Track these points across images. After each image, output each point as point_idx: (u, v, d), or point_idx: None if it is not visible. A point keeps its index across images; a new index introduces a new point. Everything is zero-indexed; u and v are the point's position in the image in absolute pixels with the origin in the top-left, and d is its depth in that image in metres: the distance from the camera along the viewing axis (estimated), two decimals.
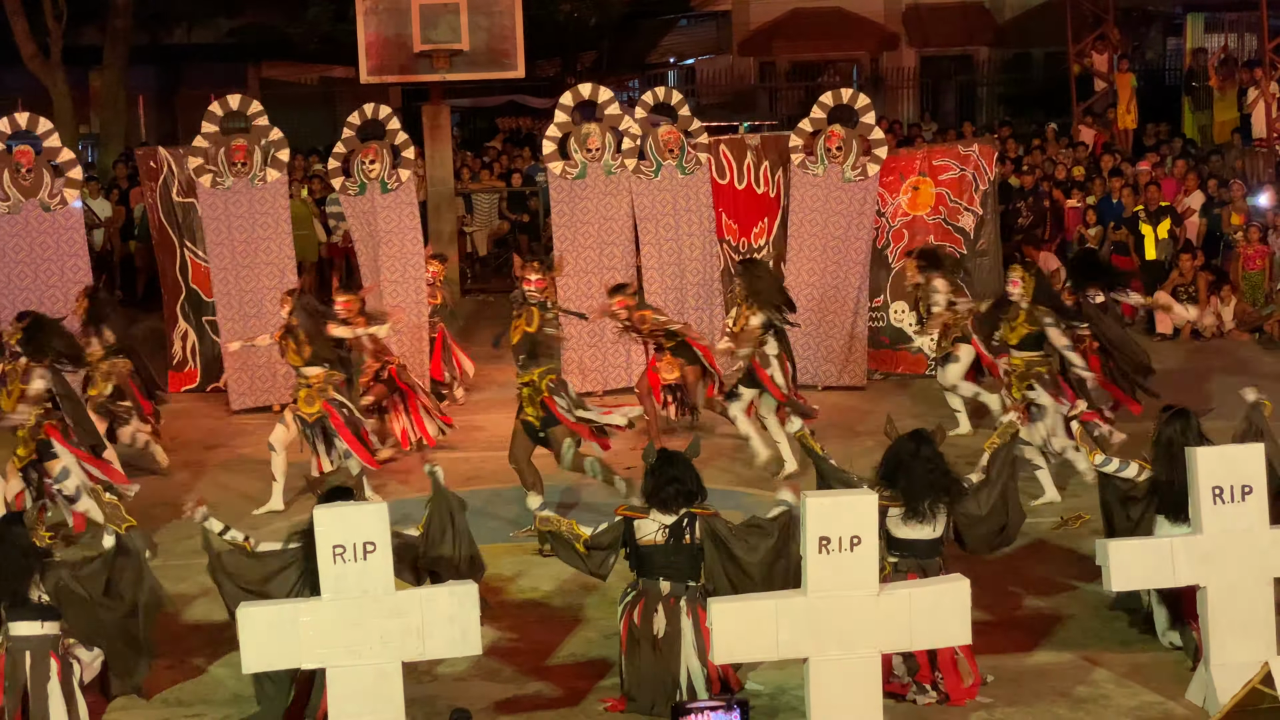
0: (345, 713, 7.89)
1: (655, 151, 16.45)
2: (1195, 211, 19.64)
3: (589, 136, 16.29)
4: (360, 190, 16.10)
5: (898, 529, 8.77)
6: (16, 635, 8.43)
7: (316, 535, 7.95)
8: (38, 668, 8.39)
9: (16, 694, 8.38)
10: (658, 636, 8.54)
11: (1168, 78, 31.16)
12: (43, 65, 25.67)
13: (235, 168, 15.92)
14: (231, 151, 15.97)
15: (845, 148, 16.16)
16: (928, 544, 8.79)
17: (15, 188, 15.33)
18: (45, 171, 15.52)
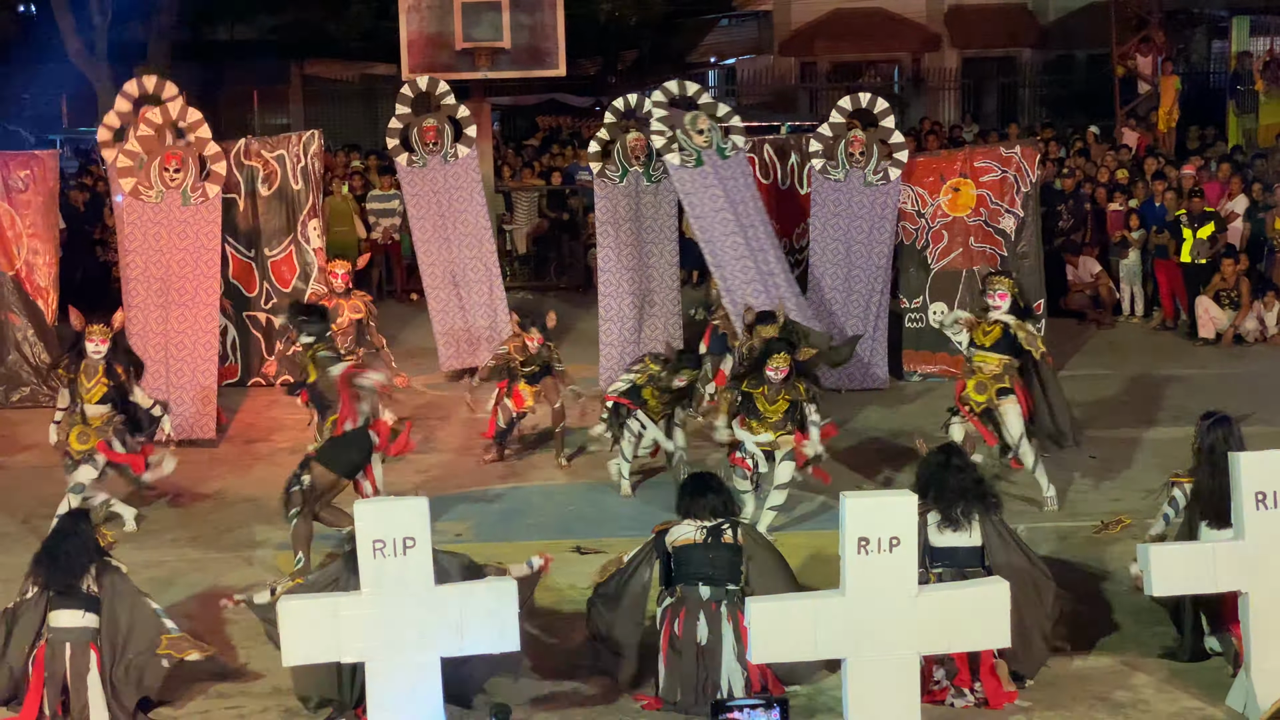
0: (384, 707, 7.91)
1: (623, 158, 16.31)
2: (1239, 216, 19.52)
3: (635, 143, 16.29)
4: (422, 164, 16.60)
5: (936, 538, 8.73)
6: (57, 627, 8.51)
7: (357, 530, 7.97)
8: (77, 659, 8.46)
9: (57, 685, 8.46)
10: (700, 645, 8.54)
11: (1212, 80, 30.99)
12: (88, 61, 25.83)
13: (428, 147, 16.65)
14: (423, 132, 16.66)
15: (867, 152, 16.14)
16: (967, 551, 8.73)
17: (161, 181, 15.44)
18: (191, 164, 15.72)
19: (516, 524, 11.97)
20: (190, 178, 15.26)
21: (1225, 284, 18.18)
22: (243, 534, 11.90)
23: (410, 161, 16.77)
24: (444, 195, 16.73)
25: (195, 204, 15.25)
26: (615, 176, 16.29)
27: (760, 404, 11.49)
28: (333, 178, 21.38)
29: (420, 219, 16.82)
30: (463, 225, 16.73)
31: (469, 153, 16.82)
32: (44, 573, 8.61)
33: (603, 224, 16.44)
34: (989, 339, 12.11)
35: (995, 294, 12.17)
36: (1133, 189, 20.32)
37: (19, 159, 16.76)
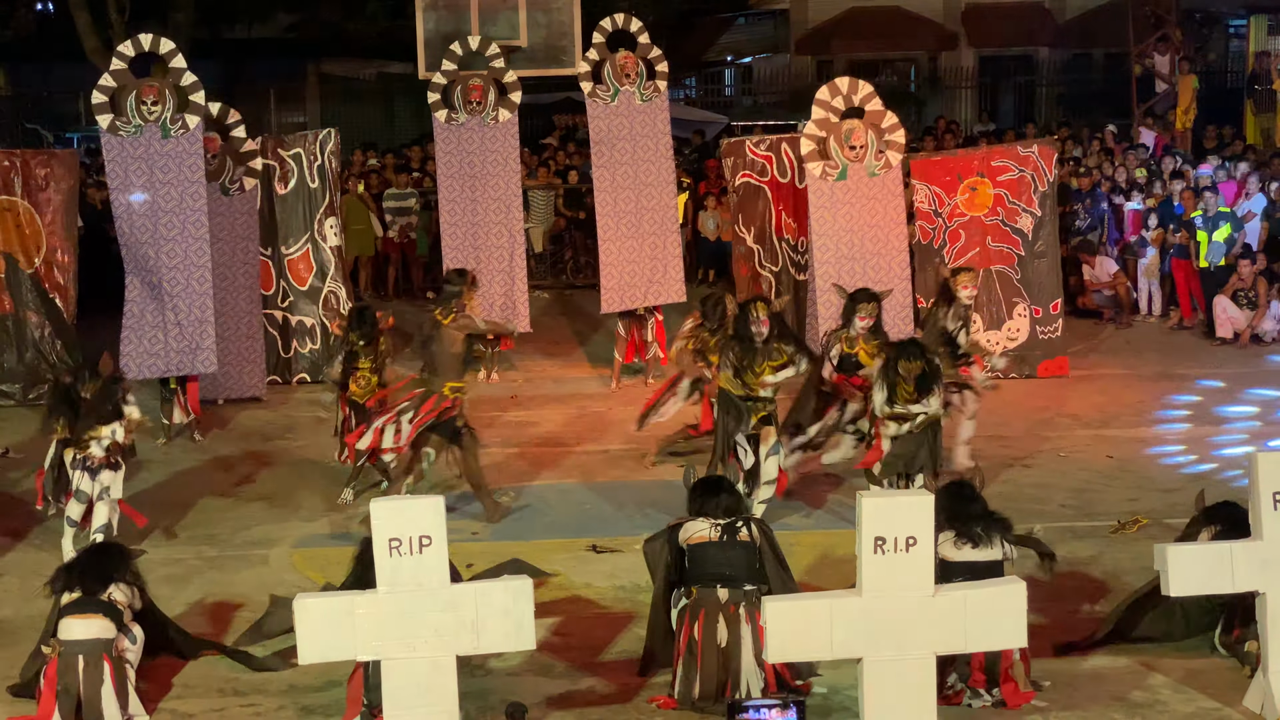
0: (399, 705, 7.91)
1: (613, 77, 16.50)
2: (1256, 215, 19.46)
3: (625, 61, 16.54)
4: (460, 121, 16.54)
5: (952, 554, 8.66)
6: (69, 639, 8.48)
7: (373, 528, 7.98)
8: (90, 672, 8.43)
9: (70, 699, 8.42)
10: (720, 647, 8.54)
11: (1230, 80, 30.91)
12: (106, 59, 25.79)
13: (470, 105, 16.52)
14: (469, 90, 16.54)
15: (866, 141, 15.45)
16: (986, 565, 8.63)
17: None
18: (229, 158, 15.95)
19: (532, 523, 11.97)
20: (169, 110, 14.97)
21: (1243, 284, 18.12)
22: (259, 533, 11.92)
23: (449, 118, 16.61)
24: (478, 157, 16.58)
25: (176, 136, 14.95)
26: (607, 96, 16.39)
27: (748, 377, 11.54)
28: (349, 176, 21.41)
29: (449, 178, 16.63)
30: (492, 189, 16.57)
31: (510, 117, 16.64)
32: (75, 575, 8.62)
33: (597, 144, 16.59)
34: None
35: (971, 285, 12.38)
36: (1150, 188, 20.27)
37: (39, 158, 16.82)
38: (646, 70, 16.59)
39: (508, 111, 16.62)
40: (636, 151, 16.53)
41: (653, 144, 16.58)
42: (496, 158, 16.63)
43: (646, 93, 16.51)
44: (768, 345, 11.53)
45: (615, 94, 16.45)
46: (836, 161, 15.38)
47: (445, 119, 16.61)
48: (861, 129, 15.37)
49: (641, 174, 16.52)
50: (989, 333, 16.40)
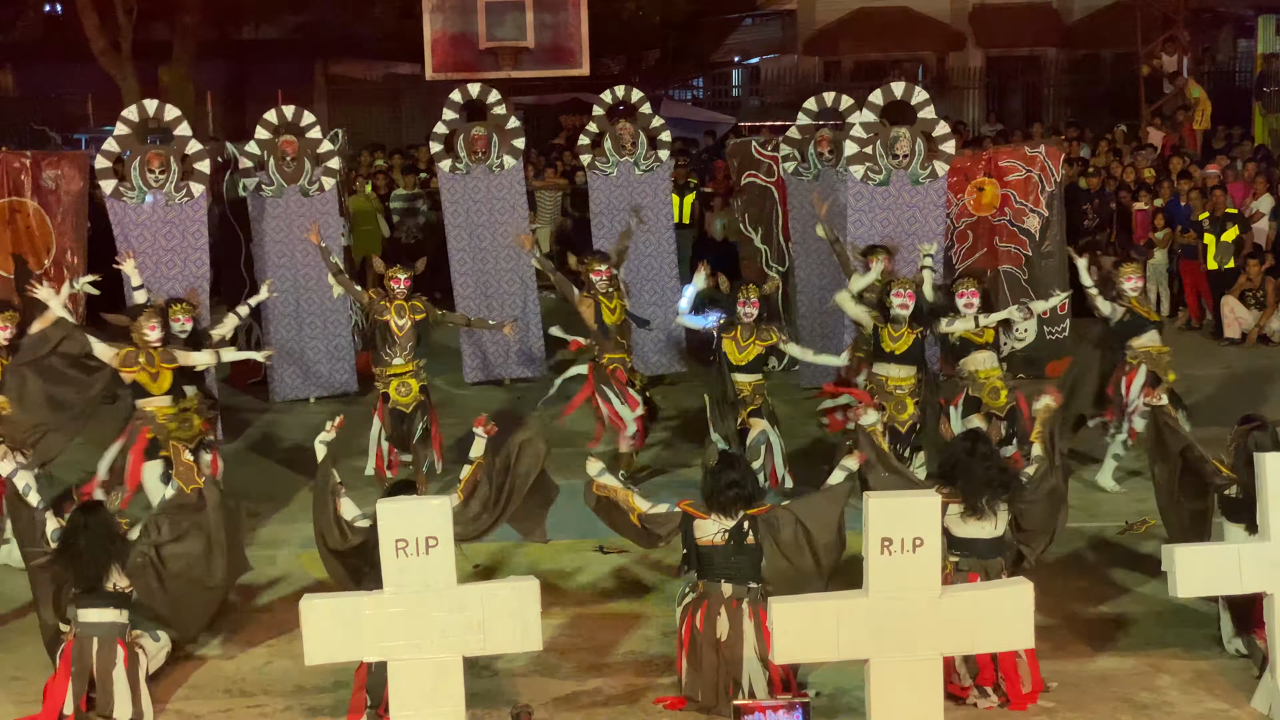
0: (406, 706, 7.92)
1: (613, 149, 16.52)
2: (1264, 215, 19.43)
3: (621, 132, 16.45)
4: (465, 171, 16.44)
5: (958, 528, 8.75)
6: (85, 622, 8.59)
7: (379, 529, 7.99)
8: (104, 654, 8.52)
9: (83, 679, 8.53)
10: (720, 640, 8.53)
11: (1238, 80, 30.86)
12: (113, 60, 25.93)
13: (475, 156, 16.45)
14: (472, 141, 16.48)
15: (912, 150, 15.03)
16: (988, 543, 8.76)
17: (279, 174, 15.99)
18: (306, 160, 16.10)
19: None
20: (173, 179, 15.02)
21: (1251, 284, 18.10)
22: (264, 533, 11.92)
23: (454, 168, 16.57)
24: (485, 205, 16.50)
25: (180, 204, 15.01)
26: (606, 168, 16.33)
27: (730, 351, 12.02)
28: (356, 177, 21.41)
29: (456, 228, 16.56)
30: (501, 237, 16.44)
31: (515, 164, 16.57)
32: (67, 572, 8.65)
33: (597, 215, 16.56)
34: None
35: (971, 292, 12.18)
36: (1158, 189, 20.25)
37: (49, 159, 16.80)
38: (648, 141, 16.45)
39: (512, 159, 16.47)
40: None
41: (651, 215, 16.24)
42: (504, 205, 16.50)
43: (647, 163, 16.38)
44: (758, 325, 12.01)
45: (614, 165, 16.41)
46: (880, 166, 14.92)
47: (450, 169, 16.52)
48: (908, 137, 14.94)
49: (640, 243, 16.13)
50: None
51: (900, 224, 15.05)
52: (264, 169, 16.04)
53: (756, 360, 12.08)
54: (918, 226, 15.07)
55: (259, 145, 15.97)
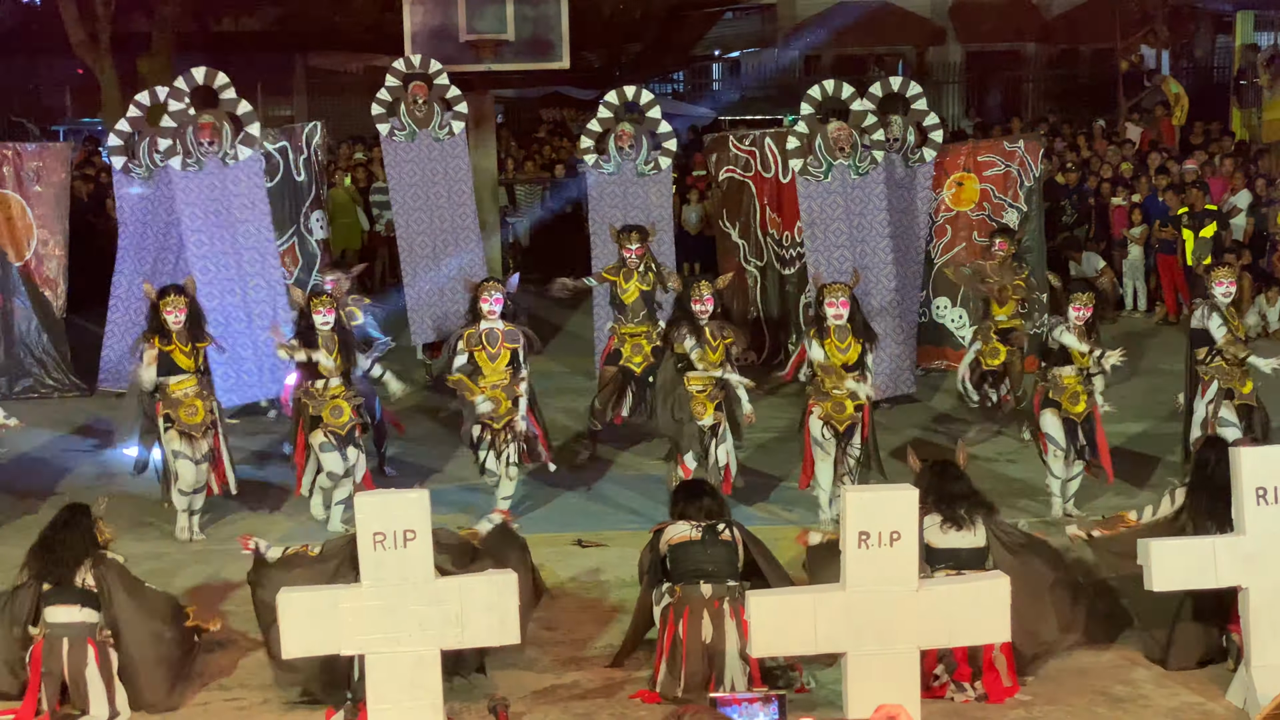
0: (384, 699, 7.92)
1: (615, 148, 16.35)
2: (1242, 211, 19.51)
3: (621, 133, 16.32)
4: (410, 138, 16.39)
5: (939, 540, 8.72)
6: (54, 622, 8.52)
7: (358, 522, 7.99)
8: (75, 653, 8.46)
9: (55, 681, 8.46)
10: (705, 642, 8.56)
11: (1217, 75, 30.94)
12: (91, 51, 25.78)
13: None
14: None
15: (902, 137, 15.73)
16: (971, 553, 8.72)
17: (411, 118, 16.38)
18: (437, 105, 16.39)
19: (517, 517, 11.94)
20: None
21: None
22: (244, 526, 11.90)
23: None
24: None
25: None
26: (608, 167, 16.29)
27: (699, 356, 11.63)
28: (336, 169, 21.37)
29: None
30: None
31: (251, 154, 15.44)
32: (38, 564, 8.63)
33: (593, 213, 16.46)
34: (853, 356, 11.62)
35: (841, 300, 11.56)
36: (1136, 184, 20.31)
37: (31, 151, 16.81)
38: (650, 142, 16.34)
39: (247, 148, 15.53)
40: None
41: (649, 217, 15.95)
42: (243, 200, 15.42)
43: (648, 166, 16.31)
44: (713, 323, 11.69)
45: (616, 164, 16.32)
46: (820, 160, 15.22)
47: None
48: (900, 124, 15.67)
49: None
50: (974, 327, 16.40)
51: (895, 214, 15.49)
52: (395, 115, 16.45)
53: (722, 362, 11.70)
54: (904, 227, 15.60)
55: (389, 92, 16.38)
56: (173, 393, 11.47)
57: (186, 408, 11.47)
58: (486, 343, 11.59)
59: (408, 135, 16.46)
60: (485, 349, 11.58)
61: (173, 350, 11.47)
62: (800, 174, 15.30)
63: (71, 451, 14.18)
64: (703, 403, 11.57)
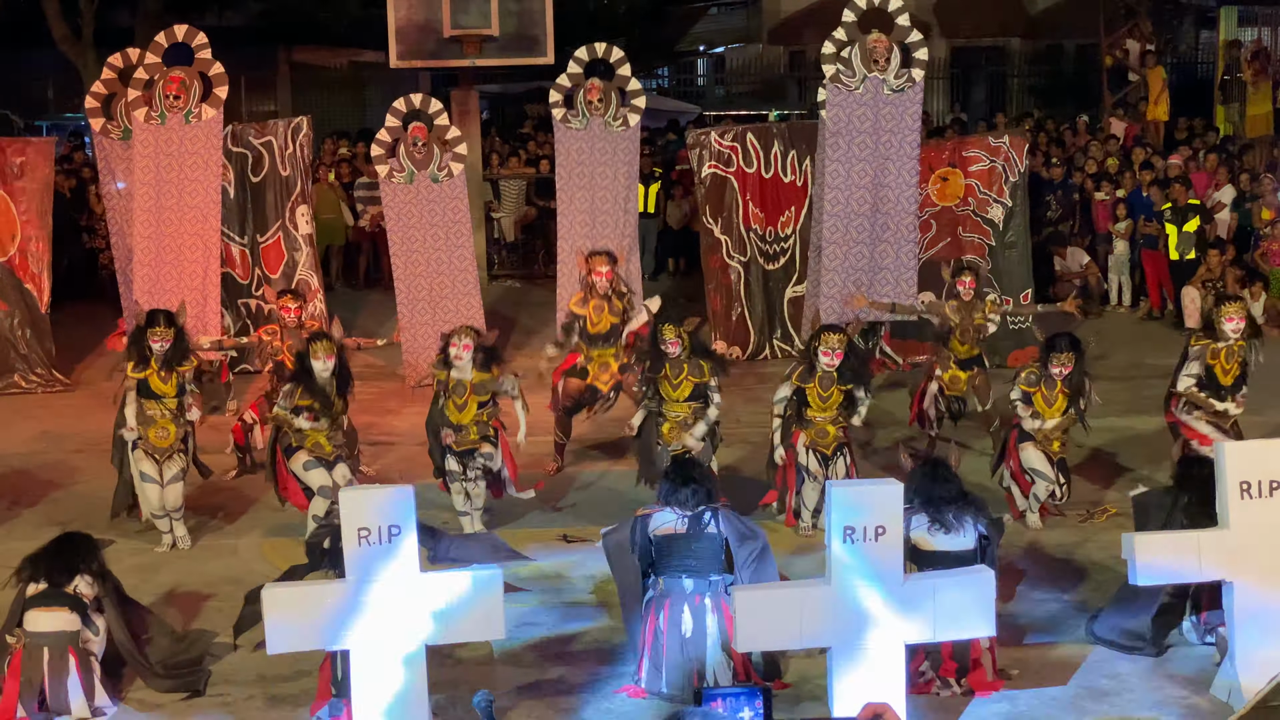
0: (369, 696, 7.90)
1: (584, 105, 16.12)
2: (1226, 206, 19.55)
3: (591, 86, 16.14)
4: (408, 179, 15.92)
5: (926, 543, 8.68)
6: (34, 631, 8.44)
7: (342, 518, 7.96)
8: (55, 664, 8.40)
9: (33, 689, 8.39)
10: (685, 637, 8.55)
11: (1200, 71, 31.00)
12: (74, 46, 25.75)
13: (169, 100, 15.31)
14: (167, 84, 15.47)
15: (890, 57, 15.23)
16: (960, 555, 8.64)
17: (410, 160, 15.87)
18: (436, 146, 15.96)
19: (501, 512, 11.94)
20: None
21: (1211, 274, 18.20)
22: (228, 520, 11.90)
23: (149, 117, 15.40)
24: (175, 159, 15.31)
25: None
26: (576, 123, 16.19)
27: (664, 388, 11.41)
28: (320, 165, 21.34)
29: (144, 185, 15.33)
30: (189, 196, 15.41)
31: (214, 114, 15.37)
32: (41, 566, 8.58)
33: (560, 169, 16.23)
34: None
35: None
36: (1120, 179, 20.34)
37: (15, 146, 16.77)
38: (620, 98, 16.13)
39: (211, 109, 15.37)
40: (595, 179, 16.10)
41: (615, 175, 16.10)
42: (196, 160, 15.36)
43: (615, 124, 16.18)
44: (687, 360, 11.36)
45: (585, 120, 16.17)
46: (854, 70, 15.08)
47: (387, 175, 15.97)
48: (884, 40, 15.27)
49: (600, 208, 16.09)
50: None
51: (883, 138, 15.16)
52: (394, 156, 15.89)
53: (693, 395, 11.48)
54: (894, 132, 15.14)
55: (388, 133, 15.93)
56: (146, 409, 11.18)
57: (157, 429, 11.15)
58: (454, 394, 11.35)
59: (406, 177, 15.96)
60: (452, 399, 11.35)
61: (149, 375, 11.17)
62: (831, 80, 15.07)
63: (55, 448, 14.13)
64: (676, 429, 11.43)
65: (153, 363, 11.16)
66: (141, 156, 15.16)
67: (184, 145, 15.20)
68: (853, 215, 15.13)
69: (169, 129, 15.09)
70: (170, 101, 15.02)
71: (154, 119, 15.09)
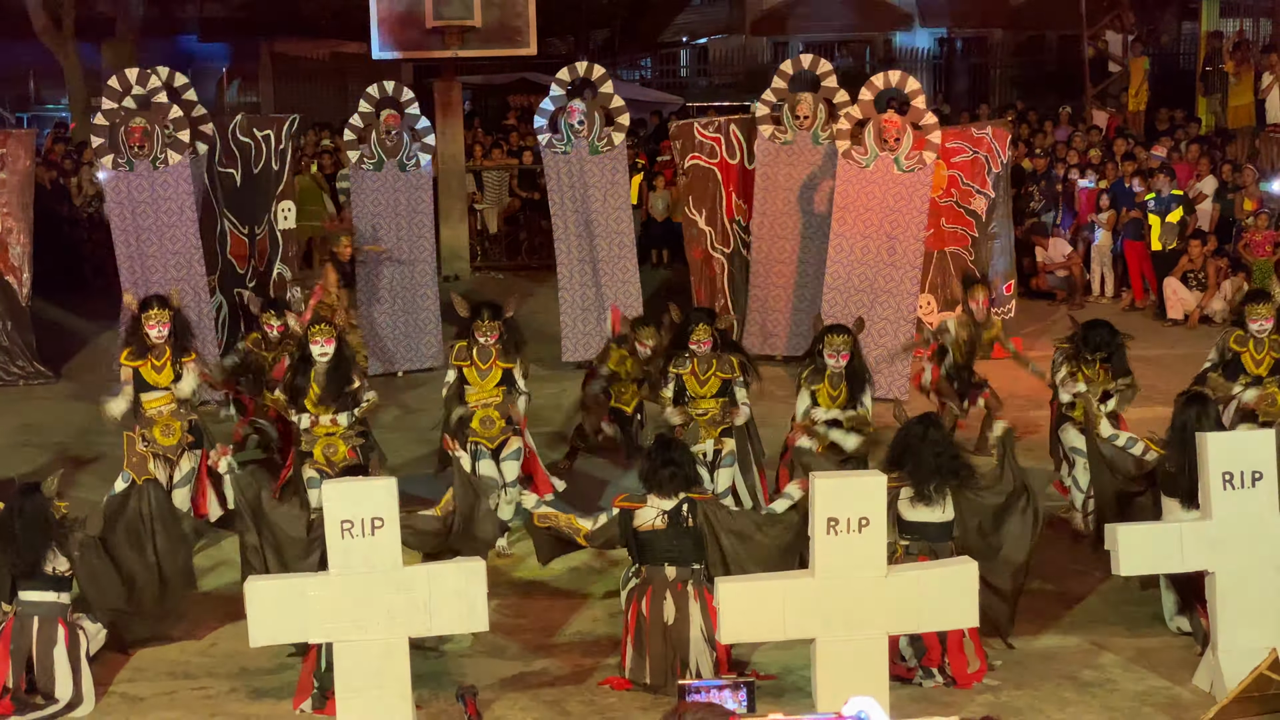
0: (351, 687, 7.89)
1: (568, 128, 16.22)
2: (1208, 197, 19.58)
3: (570, 109, 16.24)
4: (377, 166, 16.12)
5: (908, 512, 8.78)
6: (26, 601, 8.53)
7: (325, 511, 7.95)
8: (44, 632, 8.45)
9: (21, 658, 8.45)
10: (668, 624, 8.56)
11: (1182, 62, 31.05)
12: (55, 38, 25.64)
13: (134, 150, 15.26)
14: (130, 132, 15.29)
15: (902, 138, 15.19)
16: (938, 527, 8.80)
17: (380, 147, 16.14)
18: (407, 135, 16.19)
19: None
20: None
21: (1192, 265, 18.24)
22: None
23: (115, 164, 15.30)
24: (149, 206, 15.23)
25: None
26: (562, 146, 16.25)
27: (691, 385, 11.08)
28: (303, 156, 21.28)
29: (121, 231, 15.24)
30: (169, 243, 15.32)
31: (180, 159, 15.26)
32: (5, 558, 8.57)
33: (552, 193, 16.41)
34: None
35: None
36: (1103, 170, 20.36)
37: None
38: (604, 118, 16.26)
39: (177, 153, 15.20)
40: (587, 201, 16.23)
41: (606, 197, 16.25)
42: (170, 206, 15.23)
43: (601, 143, 16.25)
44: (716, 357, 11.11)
45: (570, 144, 16.24)
46: (866, 148, 15.16)
47: (358, 160, 16.07)
48: (897, 121, 15.23)
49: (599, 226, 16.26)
50: (943, 314, 16.47)
51: (888, 214, 15.18)
52: (365, 143, 16.14)
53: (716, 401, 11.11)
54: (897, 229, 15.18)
55: (361, 119, 16.16)
56: (147, 410, 10.90)
57: (161, 426, 10.90)
58: (478, 359, 11.05)
59: (375, 164, 16.13)
60: (475, 365, 11.03)
61: (144, 365, 10.91)
62: (843, 155, 15.27)
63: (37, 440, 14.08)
64: (705, 428, 10.99)
65: (149, 354, 10.92)
66: (115, 204, 15.29)
67: (155, 190, 15.24)
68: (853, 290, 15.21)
69: (138, 175, 15.15)
70: (136, 150, 15.11)
71: (121, 166, 15.17)
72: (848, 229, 15.18)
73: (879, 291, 15.14)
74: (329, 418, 10.69)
